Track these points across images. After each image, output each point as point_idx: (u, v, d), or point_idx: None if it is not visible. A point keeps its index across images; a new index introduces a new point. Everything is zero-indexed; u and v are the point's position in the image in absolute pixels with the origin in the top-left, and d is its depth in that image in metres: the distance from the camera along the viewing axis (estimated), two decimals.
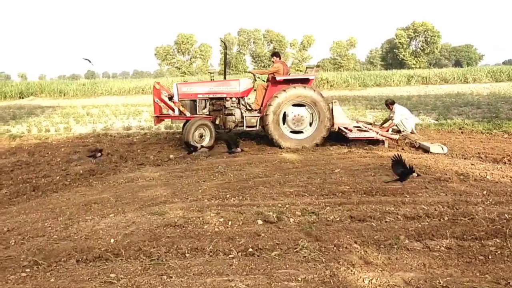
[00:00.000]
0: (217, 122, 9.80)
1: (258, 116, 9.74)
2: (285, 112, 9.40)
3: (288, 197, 5.36)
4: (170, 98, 9.68)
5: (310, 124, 9.51)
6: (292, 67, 66.77)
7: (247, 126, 9.73)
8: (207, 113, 9.90)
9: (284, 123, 9.46)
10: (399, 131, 10.02)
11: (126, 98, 29.00)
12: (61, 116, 18.28)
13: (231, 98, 9.84)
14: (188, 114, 9.69)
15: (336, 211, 4.75)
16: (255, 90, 10.34)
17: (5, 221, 4.84)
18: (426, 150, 8.46)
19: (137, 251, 3.84)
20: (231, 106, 9.85)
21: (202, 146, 9.19)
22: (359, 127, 9.97)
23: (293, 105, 9.41)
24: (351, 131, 9.36)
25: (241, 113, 9.88)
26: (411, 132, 10.07)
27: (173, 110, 9.80)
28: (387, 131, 9.73)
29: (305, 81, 9.69)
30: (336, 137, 9.78)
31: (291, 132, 9.51)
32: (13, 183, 6.79)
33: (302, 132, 9.55)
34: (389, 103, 10.54)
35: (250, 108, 10.09)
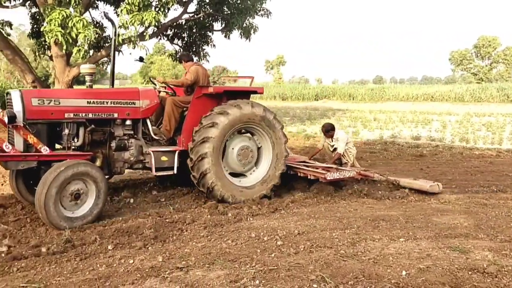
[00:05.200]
0: (97, 163, 5.46)
1: (175, 151, 5.92)
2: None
3: None
4: (12, 119, 4.85)
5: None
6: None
7: (157, 168, 5.74)
8: (81, 146, 5.49)
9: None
10: (340, 163, 7.80)
11: (413, 105, 28.10)
12: (349, 119, 19.04)
13: (124, 120, 5.74)
14: (46, 150, 5.04)
15: None
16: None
17: (297, 222, 4.95)
18: (416, 190, 6.41)
19: None
20: (124, 134, 5.79)
21: None
22: (305, 162, 7.23)
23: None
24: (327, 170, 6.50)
25: (142, 145, 5.88)
26: (352, 165, 7.87)
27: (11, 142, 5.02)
28: (334, 163, 7.49)
29: (246, 96, 6.35)
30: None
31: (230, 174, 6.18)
32: None
33: (245, 175, 6.36)
34: (330, 129, 7.99)
35: (155, 138, 6.05)
